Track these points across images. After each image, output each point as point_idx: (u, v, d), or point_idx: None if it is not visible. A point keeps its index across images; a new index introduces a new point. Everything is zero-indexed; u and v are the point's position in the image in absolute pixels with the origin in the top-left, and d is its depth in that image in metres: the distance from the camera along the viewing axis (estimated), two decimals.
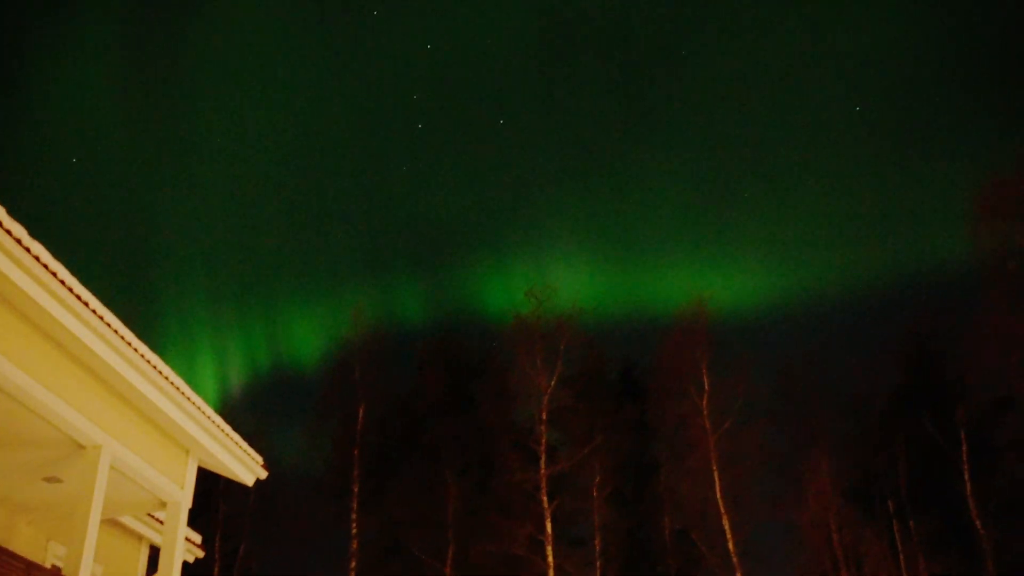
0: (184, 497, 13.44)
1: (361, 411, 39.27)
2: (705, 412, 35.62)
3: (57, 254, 9.25)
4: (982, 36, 67.32)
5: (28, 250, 8.84)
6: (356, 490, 37.74)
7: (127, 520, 16.02)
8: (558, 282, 42.03)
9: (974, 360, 33.92)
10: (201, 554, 18.84)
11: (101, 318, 10.20)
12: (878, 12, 72.52)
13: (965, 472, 34.83)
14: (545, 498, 34.61)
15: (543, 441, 35.74)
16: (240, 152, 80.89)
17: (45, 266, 9.12)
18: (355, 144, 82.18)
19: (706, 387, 36.04)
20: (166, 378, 11.73)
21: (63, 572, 10.51)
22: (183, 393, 12.16)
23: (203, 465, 14.28)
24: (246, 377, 58.09)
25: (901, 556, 35.50)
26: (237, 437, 13.93)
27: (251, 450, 14.49)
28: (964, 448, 35.18)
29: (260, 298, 71.10)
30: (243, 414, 44.25)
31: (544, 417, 36.23)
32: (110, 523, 15.39)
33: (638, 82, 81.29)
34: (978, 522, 34.04)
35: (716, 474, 34.44)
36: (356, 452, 38.48)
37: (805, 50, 75.72)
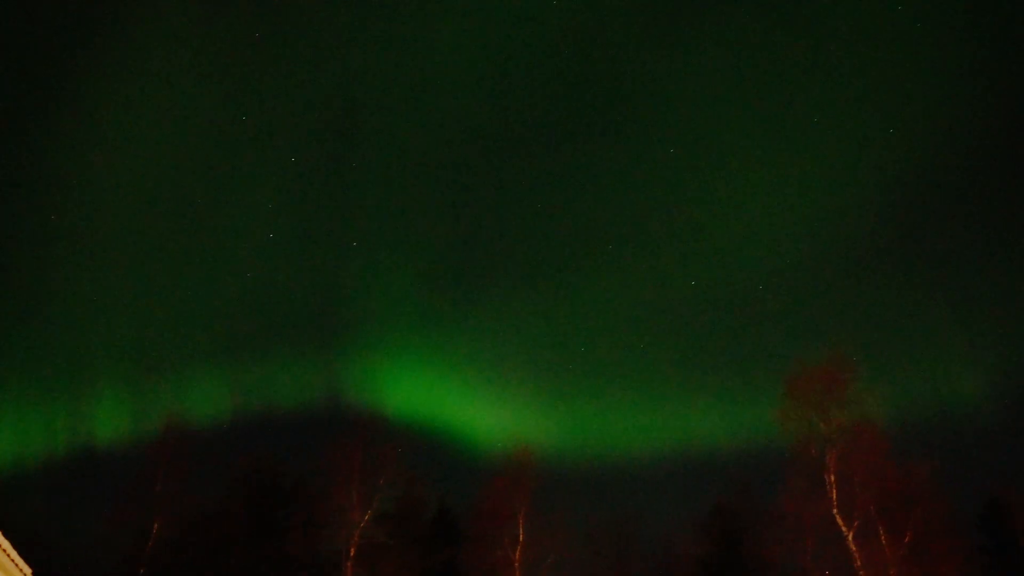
0: None
1: (156, 527, 36.50)
2: (516, 564, 35.26)
3: None
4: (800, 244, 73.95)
5: None
6: None
7: None
8: (390, 409, 41.50)
9: (774, 538, 35.38)
10: None
11: None
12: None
13: None
14: None
15: None
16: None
17: None
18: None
19: (520, 538, 35.81)
20: None
21: None
22: None
23: None
24: (33, 464, 52.70)
25: None
26: (6, 544, 12.67)
27: (20, 560, 13.19)
28: None
29: (64, 369, 65.26)
30: (27, 504, 40.31)
31: (352, 553, 34.86)
32: None
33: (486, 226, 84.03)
34: None
35: None
36: (142, 571, 35.52)
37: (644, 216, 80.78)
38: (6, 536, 12.78)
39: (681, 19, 79.58)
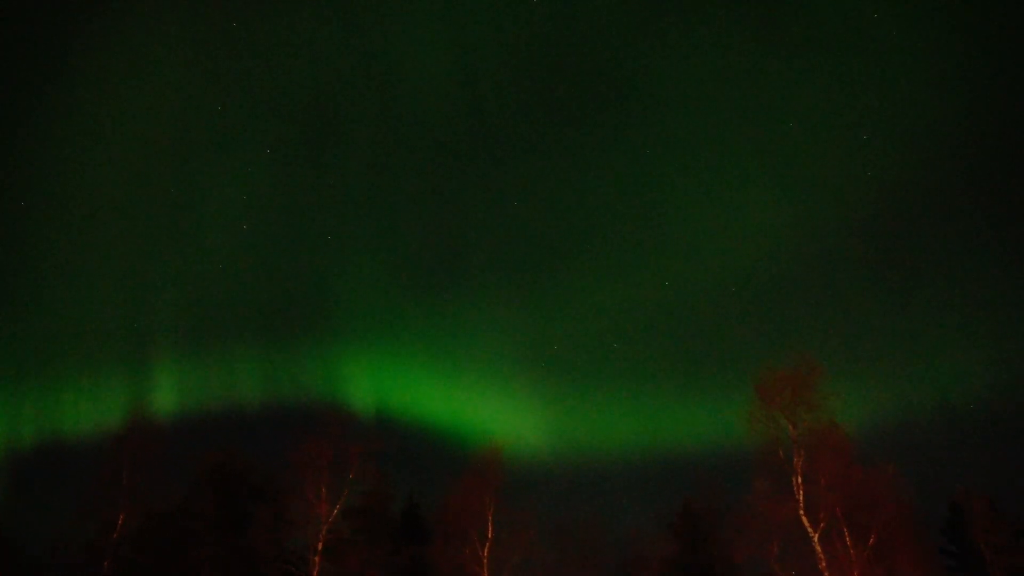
0: None
1: (121, 520, 36.05)
2: (485, 561, 35.24)
3: None
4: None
5: None
6: None
7: None
8: (360, 404, 41.21)
9: (741, 540, 35.55)
10: None
11: None
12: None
13: None
14: None
15: (314, 573, 34.07)
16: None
17: None
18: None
19: (489, 536, 35.79)
20: None
21: None
22: None
23: None
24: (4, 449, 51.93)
25: None
26: None
27: None
28: None
29: (31, 360, 64.44)
30: None
31: (320, 548, 34.67)
32: None
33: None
34: None
35: None
36: (107, 564, 35.09)
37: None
38: None
39: (656, 23, 79.95)
